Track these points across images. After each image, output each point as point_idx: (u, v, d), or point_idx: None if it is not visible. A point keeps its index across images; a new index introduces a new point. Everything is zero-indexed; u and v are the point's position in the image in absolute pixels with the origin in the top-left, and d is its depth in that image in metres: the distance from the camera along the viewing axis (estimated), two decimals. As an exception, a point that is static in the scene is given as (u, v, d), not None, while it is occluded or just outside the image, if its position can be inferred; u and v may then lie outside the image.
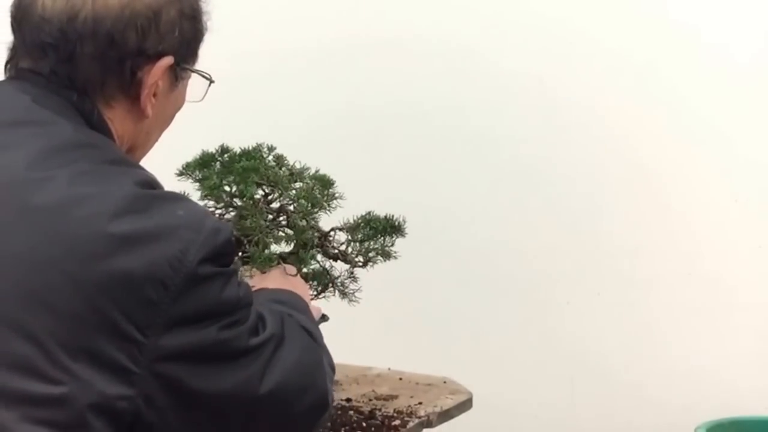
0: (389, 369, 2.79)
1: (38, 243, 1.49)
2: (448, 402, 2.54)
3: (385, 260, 2.35)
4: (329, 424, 2.31)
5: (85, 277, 1.48)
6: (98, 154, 1.60)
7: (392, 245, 2.36)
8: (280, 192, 2.21)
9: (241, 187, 2.16)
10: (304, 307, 1.94)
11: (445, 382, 2.68)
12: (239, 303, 1.60)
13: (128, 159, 1.69)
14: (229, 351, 1.58)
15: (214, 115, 3.34)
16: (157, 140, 1.84)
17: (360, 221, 2.35)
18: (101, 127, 1.67)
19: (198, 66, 1.82)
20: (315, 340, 1.82)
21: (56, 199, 1.51)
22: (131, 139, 1.75)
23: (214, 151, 2.30)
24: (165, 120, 1.81)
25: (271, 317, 1.69)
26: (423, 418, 2.43)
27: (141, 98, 1.70)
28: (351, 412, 2.42)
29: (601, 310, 3.71)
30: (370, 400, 2.53)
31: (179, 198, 1.63)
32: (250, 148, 2.31)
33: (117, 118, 1.70)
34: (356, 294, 2.36)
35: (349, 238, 2.33)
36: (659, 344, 3.67)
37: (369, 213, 2.37)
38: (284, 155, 2.36)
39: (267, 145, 2.35)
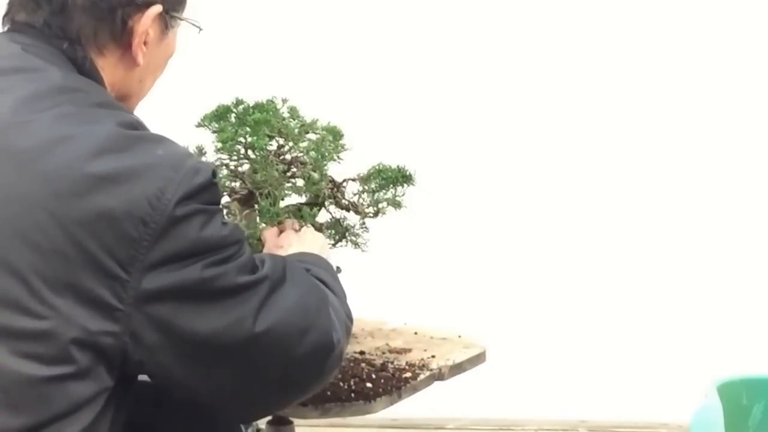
0: (405, 323, 2.78)
1: (22, 183, 1.52)
2: (461, 356, 2.53)
3: (396, 209, 2.35)
4: (340, 375, 2.32)
5: (67, 215, 1.51)
6: (84, 97, 1.64)
7: (403, 195, 2.35)
8: (291, 145, 2.20)
9: (252, 139, 2.16)
10: (325, 264, 1.97)
11: (460, 336, 2.68)
12: (223, 241, 1.60)
13: (116, 103, 1.71)
14: (216, 289, 1.59)
15: (230, 67, 3.39)
16: (150, 88, 1.87)
17: (372, 171, 2.35)
18: (92, 74, 1.71)
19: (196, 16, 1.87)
20: (331, 289, 1.84)
21: (38, 140, 1.55)
22: (124, 86, 1.79)
23: (229, 104, 2.31)
24: (157, 67, 1.84)
25: (271, 261, 1.71)
26: (434, 371, 2.43)
27: (132, 46, 1.74)
28: (363, 365, 2.41)
29: (614, 266, 3.75)
30: (384, 353, 2.53)
31: (160, 139, 1.64)
32: (264, 101, 2.31)
33: (109, 67, 1.74)
34: (367, 244, 2.35)
35: (360, 188, 2.32)
36: (671, 302, 3.69)
37: (380, 164, 2.37)
38: (297, 107, 2.36)
39: (281, 97, 2.35)
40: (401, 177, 2.35)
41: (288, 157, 2.26)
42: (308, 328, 1.70)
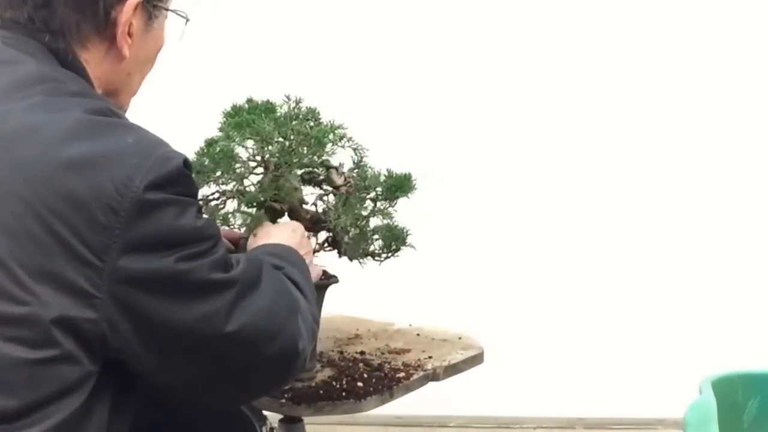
0: (410, 325, 2.80)
1: None
2: (458, 356, 2.55)
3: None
4: (335, 374, 2.36)
5: (38, 201, 1.53)
6: (58, 87, 1.65)
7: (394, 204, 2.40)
8: (263, 145, 2.23)
9: (232, 144, 2.19)
10: (299, 262, 1.97)
11: (460, 338, 2.69)
12: (198, 234, 1.61)
13: (92, 92, 1.72)
14: (188, 283, 1.60)
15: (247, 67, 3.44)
16: (140, 83, 1.87)
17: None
18: (73, 66, 1.71)
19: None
20: (301, 291, 1.85)
21: (11, 130, 1.57)
22: (112, 81, 1.79)
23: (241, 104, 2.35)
24: (146, 61, 1.84)
25: (246, 262, 1.72)
26: (428, 372, 2.45)
27: (117, 38, 1.74)
28: (361, 365, 2.44)
29: (610, 264, 3.78)
30: (383, 353, 2.56)
31: (132, 126, 1.64)
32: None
33: (94, 60, 1.75)
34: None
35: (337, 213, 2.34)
36: (666, 299, 3.70)
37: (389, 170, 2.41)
38: (317, 109, 2.39)
39: (295, 97, 2.37)
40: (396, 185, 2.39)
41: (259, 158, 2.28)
42: (277, 333, 1.72)
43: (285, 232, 2.12)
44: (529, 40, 3.81)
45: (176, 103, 3.62)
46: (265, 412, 2.28)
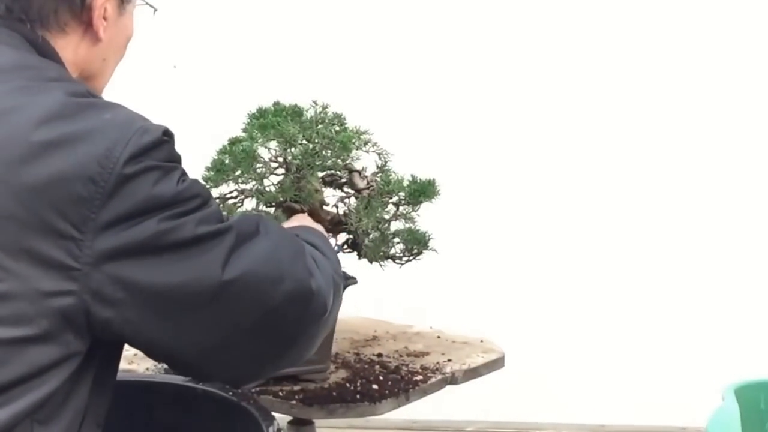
0: (431, 327, 2.81)
1: None
2: (478, 360, 2.55)
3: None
4: (349, 376, 2.36)
5: (17, 182, 1.52)
6: (37, 73, 1.66)
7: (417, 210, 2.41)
8: (286, 147, 2.25)
9: (255, 144, 2.21)
10: (319, 234, 1.97)
11: (481, 341, 2.69)
12: (179, 196, 1.59)
13: (71, 78, 1.73)
14: (174, 241, 1.57)
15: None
16: (113, 70, 1.88)
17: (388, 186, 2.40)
18: (52, 56, 1.72)
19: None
20: (319, 249, 1.84)
21: None
22: (87, 65, 1.80)
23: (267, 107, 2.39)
24: (118, 47, 1.85)
25: (242, 215, 1.72)
26: (447, 375, 2.45)
27: (93, 21, 1.75)
28: (377, 367, 2.45)
29: (632, 273, 3.77)
30: (401, 356, 2.56)
31: (109, 105, 1.64)
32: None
33: (71, 45, 1.76)
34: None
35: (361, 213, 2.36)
36: (689, 306, 3.68)
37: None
38: (343, 114, 2.42)
39: (321, 102, 2.40)
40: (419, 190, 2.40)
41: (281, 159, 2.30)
42: (282, 276, 1.67)
43: (303, 221, 2.13)
44: (551, 50, 3.82)
45: (203, 105, 3.66)
46: (273, 414, 2.28)
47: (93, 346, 1.60)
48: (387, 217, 2.38)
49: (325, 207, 2.38)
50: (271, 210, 2.24)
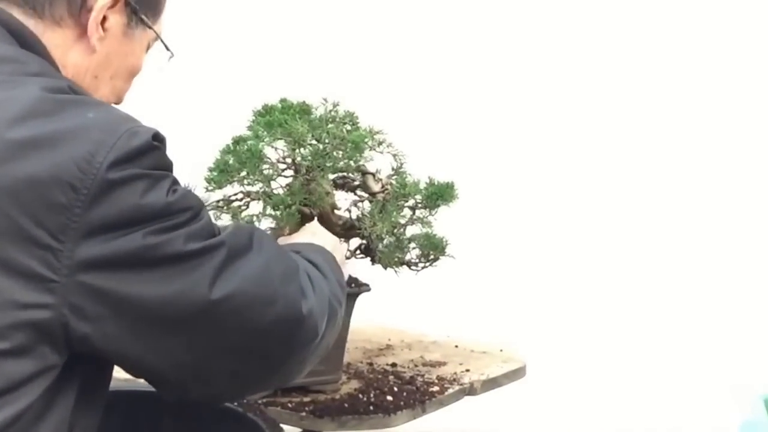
0: (448, 336, 2.73)
1: None
2: (497, 370, 2.48)
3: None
4: (362, 386, 2.29)
5: None
6: (19, 68, 1.58)
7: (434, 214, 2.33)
8: (294, 147, 2.17)
9: (261, 144, 2.14)
10: (323, 251, 1.87)
11: (501, 350, 2.62)
12: (168, 208, 1.50)
13: (53, 72, 1.64)
14: (160, 257, 1.49)
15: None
16: (107, 95, 1.77)
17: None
18: (37, 49, 1.64)
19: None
20: (318, 268, 1.76)
21: None
22: (76, 75, 1.70)
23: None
24: (116, 71, 1.75)
25: (234, 228, 1.62)
26: (465, 386, 2.37)
27: (89, 26, 1.66)
28: (391, 377, 2.38)
29: (654, 285, 3.72)
30: (416, 365, 2.49)
31: (93, 102, 1.56)
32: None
33: (64, 45, 1.67)
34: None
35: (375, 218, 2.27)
36: (717, 317, 3.63)
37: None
38: (355, 113, 2.33)
39: (332, 100, 2.32)
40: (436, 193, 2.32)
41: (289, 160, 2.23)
42: (273, 297, 1.59)
43: (319, 236, 2.03)
44: (572, 53, 3.79)
45: (209, 104, 3.61)
46: (282, 426, 2.20)
47: (73, 360, 1.51)
48: (402, 221, 2.29)
49: (336, 211, 2.30)
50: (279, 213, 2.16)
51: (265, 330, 1.58)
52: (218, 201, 2.16)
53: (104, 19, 1.68)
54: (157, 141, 1.52)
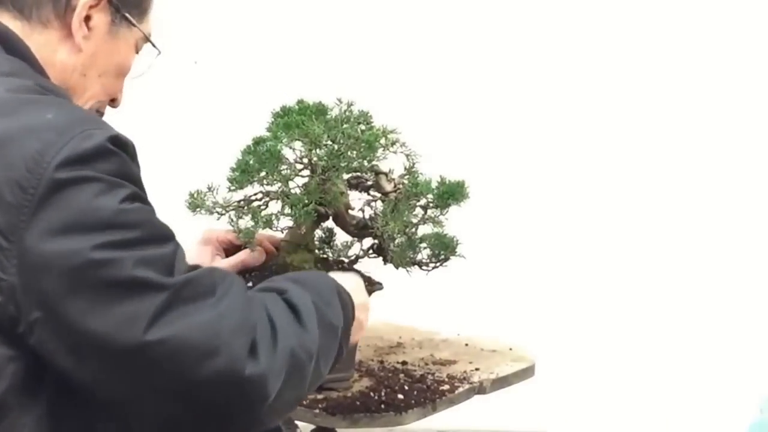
0: (458, 334, 2.74)
1: None
2: (507, 369, 2.49)
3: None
4: (372, 385, 2.31)
5: None
6: None
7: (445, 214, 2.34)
8: (311, 148, 2.19)
9: (279, 144, 2.16)
10: (324, 291, 1.76)
11: (511, 349, 2.63)
12: (120, 217, 1.45)
13: (30, 72, 1.64)
14: (106, 279, 1.43)
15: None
16: (96, 92, 1.77)
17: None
18: (13, 49, 1.65)
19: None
20: (297, 314, 1.63)
21: None
22: (66, 75, 1.71)
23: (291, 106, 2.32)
24: (103, 69, 1.75)
25: (205, 271, 1.55)
26: (475, 384, 2.38)
27: (73, 25, 1.68)
28: (401, 375, 2.39)
29: (678, 280, 3.70)
30: (426, 364, 2.50)
31: (57, 103, 1.55)
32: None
33: (51, 44, 1.69)
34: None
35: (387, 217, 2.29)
36: (726, 317, 3.64)
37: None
38: (369, 112, 2.34)
39: (347, 100, 2.33)
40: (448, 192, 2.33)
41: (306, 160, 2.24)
42: (214, 350, 1.47)
43: (336, 275, 1.90)
44: (584, 55, 3.80)
45: (224, 101, 3.62)
46: (296, 422, 2.23)
47: (39, 362, 1.48)
48: (414, 220, 2.31)
49: (350, 211, 2.32)
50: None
51: (201, 383, 1.48)
52: (239, 201, 2.19)
53: (89, 18, 1.69)
54: (115, 145, 1.48)
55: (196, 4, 3.59)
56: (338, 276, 1.85)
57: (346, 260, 2.40)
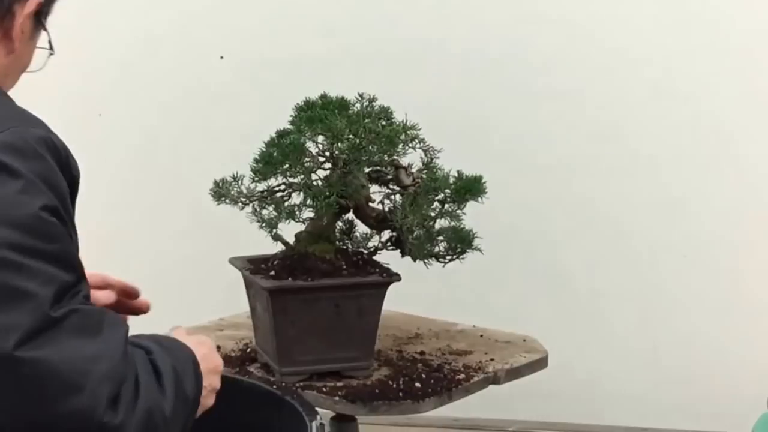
0: (474, 326, 2.80)
1: None
2: (521, 360, 2.54)
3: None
4: (391, 374, 2.36)
5: None
6: None
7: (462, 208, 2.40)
8: (333, 141, 2.24)
9: (302, 138, 2.21)
10: (182, 358, 1.63)
11: (524, 340, 2.68)
12: (37, 223, 1.40)
13: None
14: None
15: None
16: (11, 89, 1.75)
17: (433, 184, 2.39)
18: None
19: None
20: (159, 379, 1.53)
21: None
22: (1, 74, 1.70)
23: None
24: (21, 69, 1.75)
25: (99, 310, 1.51)
26: (489, 374, 2.44)
27: (14, 29, 1.66)
28: (419, 365, 2.44)
29: (687, 276, 3.72)
30: (443, 354, 2.55)
31: None
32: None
33: None
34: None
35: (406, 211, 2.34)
36: (744, 311, 3.65)
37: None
38: (390, 108, 2.41)
39: (368, 95, 2.40)
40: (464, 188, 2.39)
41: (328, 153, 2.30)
42: (79, 388, 1.40)
43: (191, 340, 1.74)
44: (601, 52, 3.77)
45: (251, 97, 3.66)
46: (317, 409, 2.27)
47: None
48: (432, 214, 2.36)
49: (370, 203, 2.38)
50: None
51: (57, 416, 1.40)
52: (262, 192, 2.24)
53: (24, 23, 1.68)
54: (47, 148, 1.46)
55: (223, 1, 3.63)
56: (190, 341, 1.73)
57: (365, 251, 2.45)
